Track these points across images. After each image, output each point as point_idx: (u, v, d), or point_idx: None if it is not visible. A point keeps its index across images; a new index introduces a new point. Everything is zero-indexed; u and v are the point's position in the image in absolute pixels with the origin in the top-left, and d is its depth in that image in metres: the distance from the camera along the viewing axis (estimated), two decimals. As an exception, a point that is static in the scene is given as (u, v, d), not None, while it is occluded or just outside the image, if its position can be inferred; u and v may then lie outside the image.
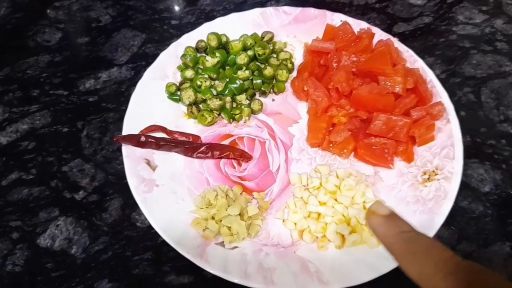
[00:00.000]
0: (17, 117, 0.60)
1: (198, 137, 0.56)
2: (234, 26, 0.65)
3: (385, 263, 0.44)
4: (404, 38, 0.68)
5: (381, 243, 0.31)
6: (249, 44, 0.62)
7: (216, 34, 0.62)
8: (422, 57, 0.61)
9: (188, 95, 0.57)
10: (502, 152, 0.57)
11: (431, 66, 0.63)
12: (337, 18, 0.64)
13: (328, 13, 0.65)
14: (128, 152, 0.52)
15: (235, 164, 0.55)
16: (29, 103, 0.61)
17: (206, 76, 0.59)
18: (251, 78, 0.60)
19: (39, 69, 0.65)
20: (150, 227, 0.49)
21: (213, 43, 0.62)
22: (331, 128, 0.56)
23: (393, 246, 0.30)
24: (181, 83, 0.60)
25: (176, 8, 0.74)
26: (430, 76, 0.58)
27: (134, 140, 0.52)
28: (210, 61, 0.60)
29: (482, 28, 0.70)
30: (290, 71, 0.62)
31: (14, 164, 0.56)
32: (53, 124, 0.59)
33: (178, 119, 0.58)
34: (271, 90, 0.61)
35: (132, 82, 0.63)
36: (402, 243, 0.30)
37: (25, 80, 0.64)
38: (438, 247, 0.29)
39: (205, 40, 0.63)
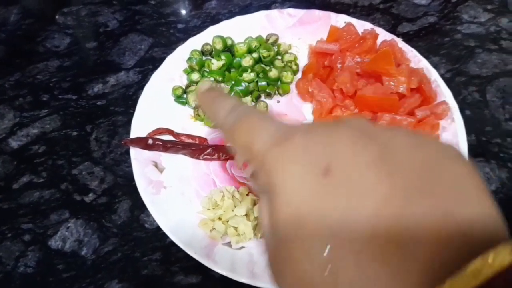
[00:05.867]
0: (28, 121, 0.61)
1: (205, 139, 0.57)
2: (239, 29, 0.65)
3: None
4: (409, 38, 0.69)
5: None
6: (254, 46, 0.63)
7: (221, 37, 0.63)
8: (427, 57, 0.61)
9: (195, 98, 0.58)
10: (508, 151, 0.57)
11: (436, 65, 0.63)
12: (341, 20, 0.65)
13: (333, 15, 0.66)
14: (136, 155, 0.53)
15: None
16: (39, 108, 0.63)
17: (212, 79, 0.60)
18: (256, 80, 0.61)
19: (48, 74, 0.67)
20: (158, 228, 0.50)
21: (219, 46, 0.63)
22: (336, 129, 0.56)
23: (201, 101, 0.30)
24: (188, 86, 0.61)
25: (182, 12, 0.75)
26: (434, 75, 0.58)
27: (142, 143, 0.53)
28: (216, 64, 0.61)
29: (487, 27, 0.70)
30: (295, 72, 0.63)
31: (25, 168, 0.57)
32: (63, 128, 0.61)
33: (184, 121, 0.59)
34: (276, 92, 0.62)
35: (139, 86, 0.64)
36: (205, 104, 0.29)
37: (35, 85, 0.65)
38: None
39: (211, 43, 0.64)
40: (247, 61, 0.61)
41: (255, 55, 0.62)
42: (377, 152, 0.19)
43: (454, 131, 0.53)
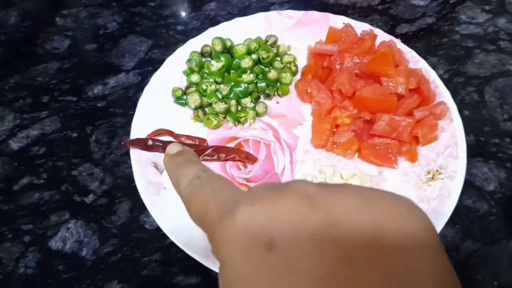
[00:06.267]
0: (28, 123, 0.61)
1: (204, 140, 0.57)
2: (238, 30, 0.66)
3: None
4: (407, 39, 0.69)
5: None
6: (253, 48, 0.63)
7: (220, 38, 0.63)
8: (425, 58, 0.61)
9: (194, 99, 0.58)
10: (507, 151, 0.57)
11: (434, 66, 0.63)
12: (339, 21, 0.65)
13: (331, 16, 0.66)
14: (136, 156, 0.53)
15: (241, 166, 0.55)
16: (39, 110, 0.63)
17: (211, 80, 0.60)
18: (255, 81, 0.61)
19: (48, 76, 0.67)
20: (158, 229, 0.50)
21: (218, 47, 0.63)
22: (335, 130, 0.57)
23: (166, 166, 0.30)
24: (187, 88, 0.61)
25: (182, 13, 0.76)
26: (432, 76, 0.58)
27: (142, 144, 0.53)
28: (215, 65, 0.61)
29: (485, 27, 0.71)
30: (294, 73, 0.63)
31: (25, 169, 0.57)
32: (63, 130, 0.61)
33: (184, 122, 0.59)
34: (276, 93, 0.62)
35: (139, 87, 0.64)
36: (170, 169, 0.30)
37: (35, 87, 0.66)
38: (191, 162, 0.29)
39: (210, 44, 0.64)
40: (246, 63, 0.61)
41: (254, 56, 0.62)
42: (320, 222, 0.19)
43: (452, 131, 0.54)
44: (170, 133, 0.56)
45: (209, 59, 0.64)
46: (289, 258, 0.18)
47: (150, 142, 0.53)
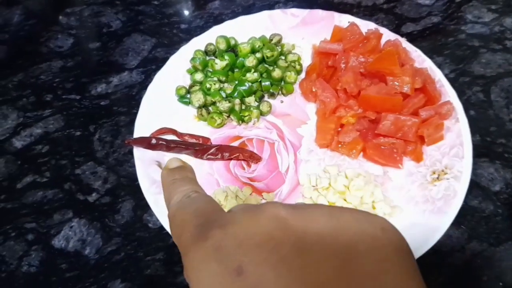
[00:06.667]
0: (31, 121, 0.61)
1: (208, 139, 0.57)
2: (242, 29, 0.65)
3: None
4: (413, 38, 0.68)
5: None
6: (257, 46, 0.63)
7: (224, 37, 0.63)
8: (431, 57, 0.61)
9: (198, 98, 0.58)
10: (513, 151, 0.56)
11: (440, 65, 0.63)
12: (344, 20, 0.65)
13: (336, 15, 0.65)
14: (140, 155, 0.53)
15: (245, 165, 0.55)
16: (42, 108, 0.63)
17: (215, 79, 0.60)
18: (259, 80, 0.61)
19: (52, 74, 0.67)
20: (161, 228, 0.50)
21: (222, 46, 0.63)
22: (339, 129, 0.56)
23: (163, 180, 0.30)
24: (191, 86, 0.61)
25: (185, 12, 0.75)
26: (438, 75, 0.58)
27: (145, 142, 0.53)
28: (219, 64, 0.61)
29: (491, 27, 0.70)
30: (298, 72, 0.63)
31: (29, 168, 0.57)
32: (66, 128, 0.61)
33: (188, 121, 0.59)
34: (280, 92, 0.62)
35: (142, 86, 0.64)
36: (165, 183, 0.29)
37: (38, 85, 0.66)
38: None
39: (214, 43, 0.64)
40: (250, 61, 0.61)
41: (258, 55, 0.62)
42: (291, 248, 0.18)
43: (458, 131, 0.53)
44: (173, 132, 0.56)
45: (213, 57, 0.64)
46: (257, 286, 0.18)
47: (153, 141, 0.53)
